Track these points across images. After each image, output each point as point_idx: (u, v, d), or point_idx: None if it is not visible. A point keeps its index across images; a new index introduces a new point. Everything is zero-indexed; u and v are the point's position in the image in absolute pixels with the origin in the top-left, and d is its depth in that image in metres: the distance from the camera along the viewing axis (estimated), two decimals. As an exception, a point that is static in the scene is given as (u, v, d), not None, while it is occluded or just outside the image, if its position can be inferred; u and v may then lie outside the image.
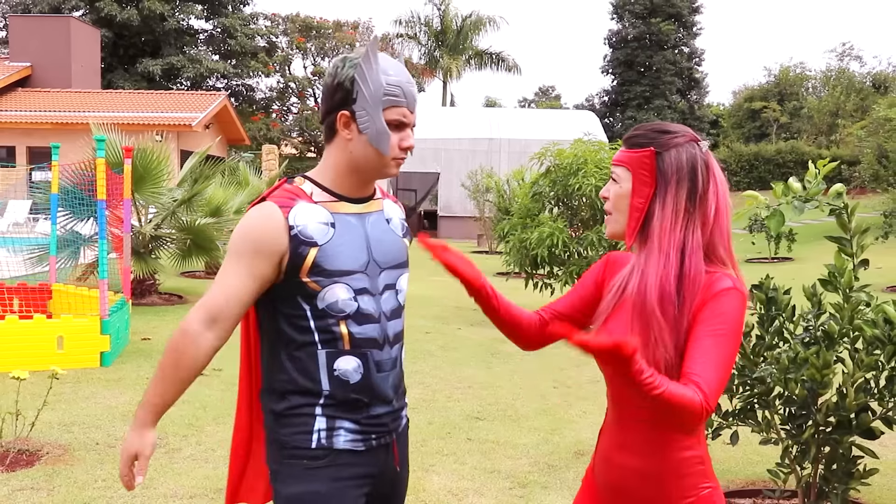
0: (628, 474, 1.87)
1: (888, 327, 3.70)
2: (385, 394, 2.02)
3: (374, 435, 2.01)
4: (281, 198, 1.94)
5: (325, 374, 1.94)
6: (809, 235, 21.64)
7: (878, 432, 3.79)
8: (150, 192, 10.61)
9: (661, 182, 1.81)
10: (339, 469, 1.96)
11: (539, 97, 62.15)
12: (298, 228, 1.90)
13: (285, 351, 1.96)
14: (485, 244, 23.01)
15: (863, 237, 3.92)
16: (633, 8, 44.98)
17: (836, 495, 3.87)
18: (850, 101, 41.03)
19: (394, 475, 2.12)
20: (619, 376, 1.66)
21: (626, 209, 1.85)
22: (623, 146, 1.90)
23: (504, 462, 4.96)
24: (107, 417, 5.56)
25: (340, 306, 1.93)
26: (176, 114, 24.13)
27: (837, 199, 3.83)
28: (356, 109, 1.92)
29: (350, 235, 1.97)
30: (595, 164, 9.57)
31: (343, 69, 1.93)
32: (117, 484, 4.35)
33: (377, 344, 2.00)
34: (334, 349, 1.94)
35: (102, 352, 7.07)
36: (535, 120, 30.54)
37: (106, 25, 33.21)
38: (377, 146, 1.93)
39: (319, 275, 1.91)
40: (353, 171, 1.99)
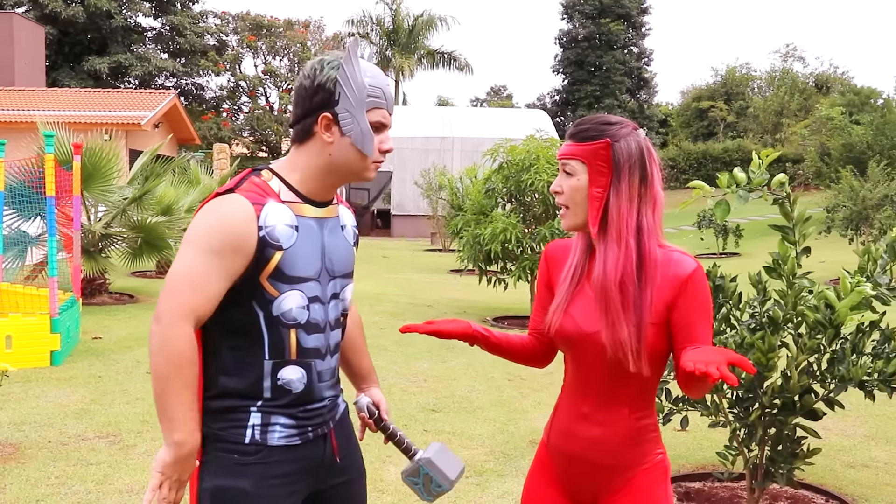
0: (589, 444, 1.96)
1: (829, 312, 3.83)
2: (319, 399, 1.99)
3: (309, 427, 1.97)
4: (252, 193, 1.86)
5: (268, 382, 1.89)
6: (756, 231, 22.11)
7: (821, 413, 3.92)
8: (100, 190, 10.45)
9: (616, 171, 1.88)
10: (269, 466, 1.90)
11: (491, 96, 62.41)
12: (267, 230, 1.83)
13: (229, 355, 1.90)
14: (438, 242, 23.04)
15: (805, 226, 4.04)
16: (583, 8, 45.42)
17: (781, 475, 3.99)
18: (793, 101, 42.00)
19: (333, 466, 2.06)
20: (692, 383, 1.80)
21: (584, 200, 1.90)
22: (571, 140, 1.94)
23: (460, 452, 5.00)
24: (58, 416, 5.48)
25: (294, 315, 1.88)
26: (124, 112, 23.70)
27: (780, 189, 3.95)
28: (339, 111, 1.86)
29: (310, 240, 1.91)
30: (547, 160, 9.65)
31: (323, 71, 1.87)
32: (70, 481, 4.31)
33: (320, 354, 1.96)
34: (280, 359, 1.89)
35: (52, 351, 6.95)
36: (487, 119, 30.69)
37: (50, 22, 32.50)
38: (361, 148, 1.88)
39: (280, 280, 1.85)
40: (328, 174, 1.92)
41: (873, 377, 3.78)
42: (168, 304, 1.78)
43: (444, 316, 10.56)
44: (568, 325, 1.93)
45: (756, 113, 43.96)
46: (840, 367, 3.80)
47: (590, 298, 1.92)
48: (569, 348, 1.97)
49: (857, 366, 3.76)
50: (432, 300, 12.12)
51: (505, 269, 10.19)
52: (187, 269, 1.80)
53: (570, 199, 1.92)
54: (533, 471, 2.12)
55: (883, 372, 3.75)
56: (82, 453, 4.74)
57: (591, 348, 1.91)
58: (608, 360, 1.88)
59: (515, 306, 11.33)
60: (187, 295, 1.78)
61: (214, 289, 1.80)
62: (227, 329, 1.89)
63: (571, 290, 1.95)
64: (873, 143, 24.25)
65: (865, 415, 6.01)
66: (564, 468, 2.02)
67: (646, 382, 1.92)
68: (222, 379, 1.90)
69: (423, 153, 27.52)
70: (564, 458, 2.01)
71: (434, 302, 11.92)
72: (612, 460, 1.94)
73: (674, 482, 4.60)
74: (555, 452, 2.04)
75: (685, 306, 1.86)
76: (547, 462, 2.07)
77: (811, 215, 4.11)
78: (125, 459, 4.66)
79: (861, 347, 3.90)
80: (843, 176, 15.62)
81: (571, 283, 1.96)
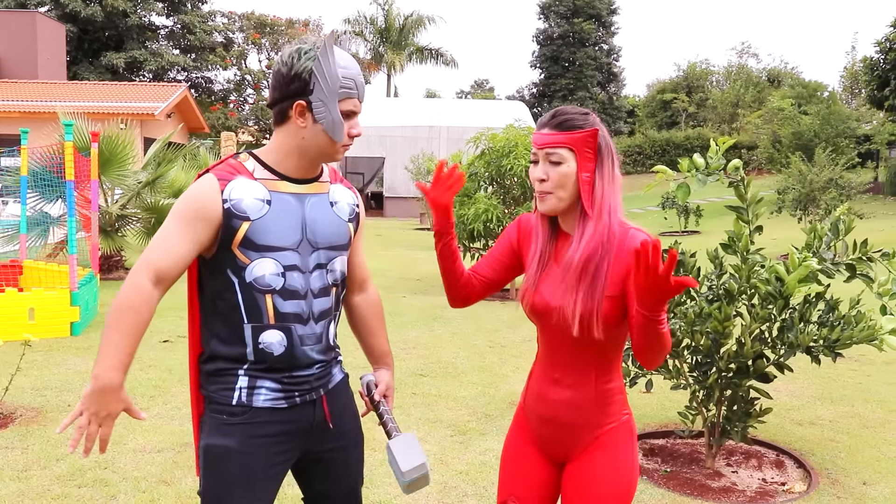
0: (561, 406, 1.95)
1: (779, 284, 3.81)
2: (305, 364, 1.95)
3: (297, 392, 1.94)
4: (222, 171, 1.87)
5: (250, 346, 1.88)
6: (714, 212, 22.14)
7: (772, 376, 3.91)
8: (116, 174, 10.31)
9: (600, 156, 1.86)
10: (255, 427, 1.88)
11: (474, 89, 62.01)
12: (232, 202, 1.83)
13: (216, 321, 1.90)
14: (426, 222, 22.97)
15: (757, 206, 4.02)
16: (558, 9, 45.11)
17: (737, 433, 3.99)
18: (748, 94, 41.96)
19: (326, 432, 2.01)
20: (647, 315, 1.66)
21: (573, 186, 1.85)
22: (554, 130, 1.85)
23: (445, 413, 4.98)
24: (78, 382, 5.41)
25: (267, 280, 1.85)
26: (139, 104, 23.40)
27: (736, 173, 3.92)
28: (312, 100, 1.84)
29: (285, 213, 1.88)
30: (525, 146, 9.59)
31: (300, 60, 1.83)
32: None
33: (301, 319, 1.91)
34: (259, 323, 1.87)
35: (72, 322, 6.87)
36: (470, 109, 30.49)
37: (70, 21, 32.01)
38: (332, 134, 1.86)
39: (249, 248, 1.84)
40: (301, 155, 1.91)
41: (819, 343, 3.77)
42: (138, 262, 1.81)
43: (433, 288, 10.53)
44: (537, 300, 1.93)
45: (714, 104, 43.87)
46: (789, 335, 3.79)
47: (555, 276, 1.90)
48: (538, 320, 1.96)
49: (805, 333, 3.74)
50: (421, 274, 12.06)
51: (487, 247, 10.16)
52: (158, 235, 1.84)
53: (559, 185, 1.84)
54: (511, 431, 2.12)
55: (828, 339, 3.74)
56: (99, 416, 4.69)
57: (557, 320, 1.89)
58: (570, 330, 1.87)
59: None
60: (152, 252, 1.80)
61: (178, 249, 1.80)
62: (213, 297, 1.90)
63: (540, 270, 1.94)
64: (820, 132, 24.25)
65: (812, 377, 6.02)
66: (539, 428, 2.02)
67: (610, 349, 1.91)
68: (213, 343, 1.91)
69: (412, 141, 27.34)
70: (539, 419, 2.01)
71: (423, 276, 11.87)
72: (581, 420, 1.94)
73: (639, 439, 4.59)
74: (530, 414, 2.04)
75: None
76: (524, 423, 2.08)
77: (763, 197, 4.08)
78: (138, 422, 4.60)
79: (808, 317, 3.88)
80: (793, 161, 15.59)
81: (540, 265, 1.94)
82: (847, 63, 43.63)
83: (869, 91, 26.24)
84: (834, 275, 3.85)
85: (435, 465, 4.08)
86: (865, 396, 5.61)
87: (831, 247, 3.95)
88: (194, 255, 1.84)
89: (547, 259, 1.94)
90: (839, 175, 14.81)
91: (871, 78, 25.58)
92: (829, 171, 14.75)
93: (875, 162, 27.97)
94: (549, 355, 1.98)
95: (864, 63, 27.34)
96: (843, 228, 3.95)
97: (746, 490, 3.89)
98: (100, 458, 4.01)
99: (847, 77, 37.88)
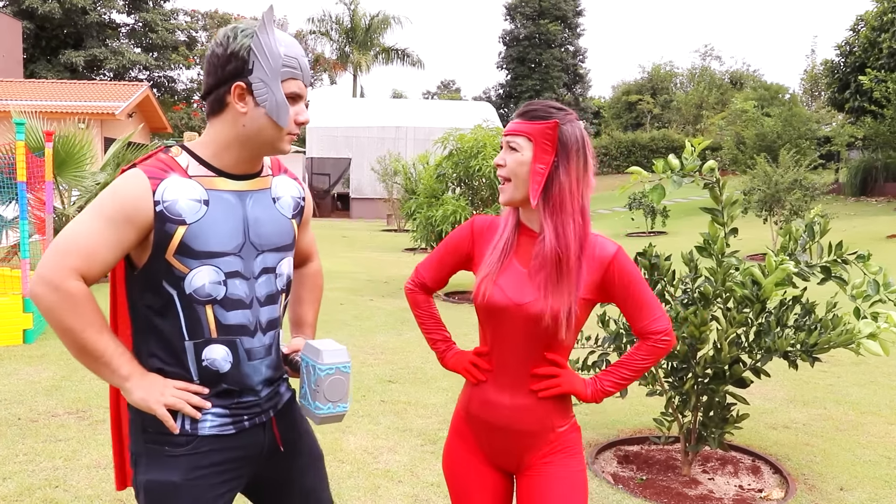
0: (513, 412, 1.87)
1: (756, 288, 3.74)
2: (253, 385, 1.76)
3: (245, 417, 1.76)
4: (153, 168, 1.65)
5: (193, 365, 1.68)
6: (680, 212, 22.30)
7: (748, 381, 3.83)
8: (73, 175, 9.98)
9: (563, 151, 1.80)
10: (200, 457, 1.70)
11: (441, 90, 61.87)
12: (165, 204, 1.61)
13: (153, 339, 1.69)
14: (393, 223, 22.81)
15: (732, 208, 3.95)
16: (524, 10, 45.22)
17: (713, 439, 3.91)
18: (712, 95, 42.45)
19: (277, 456, 1.85)
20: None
21: (526, 175, 1.81)
22: (520, 119, 1.84)
23: (415, 421, 4.84)
24: (29, 393, 5.16)
25: (207, 290, 1.65)
26: (99, 103, 22.83)
27: (711, 175, 3.85)
28: (252, 81, 1.64)
29: (225, 214, 1.68)
30: (493, 147, 9.49)
31: (237, 39, 1.65)
32: (38, 458, 4.03)
33: (247, 331, 1.72)
34: (201, 338, 1.67)
35: (25, 329, 6.59)
36: (437, 110, 30.37)
37: (27, 17, 31.27)
38: (276, 118, 1.66)
39: (187, 255, 1.63)
40: (242, 146, 1.70)
41: (796, 348, 3.70)
42: (56, 263, 1.58)
43: (400, 291, 10.37)
44: (497, 295, 1.83)
45: (679, 106, 44.30)
46: (766, 339, 3.72)
47: (518, 272, 1.84)
48: (494, 318, 1.85)
49: (782, 338, 3.67)
50: (388, 277, 11.90)
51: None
52: (77, 233, 1.60)
53: (513, 172, 1.83)
54: (451, 443, 2.00)
55: (805, 343, 3.67)
56: (52, 429, 4.46)
57: (517, 319, 1.81)
58: (534, 330, 1.80)
59: (464, 282, 11.17)
60: (74, 256, 1.58)
61: (102, 253, 1.60)
62: (150, 314, 1.69)
63: (500, 263, 1.86)
64: (782, 133, 24.54)
65: (783, 379, 5.99)
66: (487, 437, 1.92)
67: (565, 350, 1.87)
68: (153, 362, 1.71)
69: (379, 141, 27.14)
70: (487, 428, 1.91)
71: (390, 279, 11.70)
72: (534, 426, 1.86)
73: (613, 446, 4.50)
74: (475, 423, 1.93)
75: (622, 283, 1.83)
76: (465, 433, 1.97)
77: (737, 200, 4.01)
78: (94, 435, 4.38)
79: (785, 320, 3.81)
80: (758, 162, 15.72)
81: (501, 255, 1.86)
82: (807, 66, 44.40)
83: (830, 93, 26.64)
84: (809, 277, 3.78)
85: (405, 476, 3.94)
86: (837, 398, 5.58)
87: (806, 249, 3.89)
88: (116, 263, 1.64)
89: (508, 251, 1.87)
90: (803, 176, 14.95)
91: (832, 80, 25.96)
92: (794, 173, 14.88)
93: (836, 163, 28.42)
94: (500, 357, 1.88)
95: (824, 66, 27.76)
96: (818, 230, 3.90)
97: (724, 498, 3.81)
98: (50, 476, 3.79)
99: (807, 80, 38.47)
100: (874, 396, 5.64)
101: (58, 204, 10.13)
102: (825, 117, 31.44)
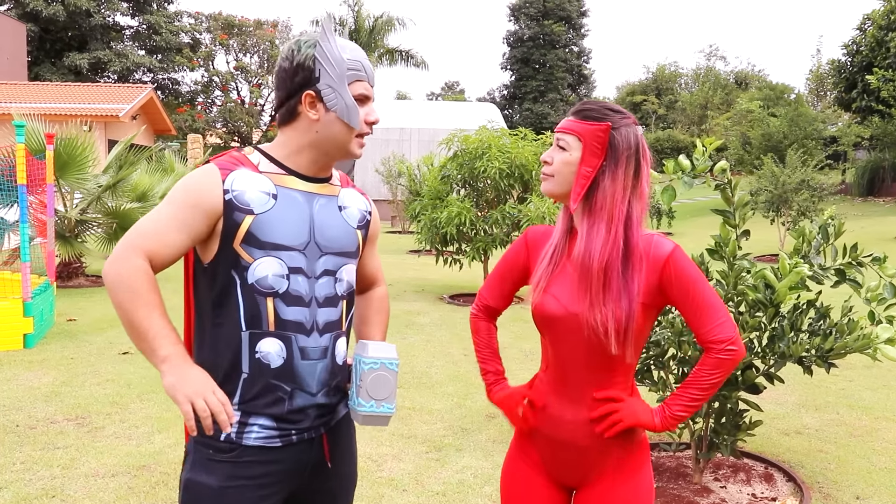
0: (578, 427, 1.78)
1: (769, 292, 3.64)
2: (307, 383, 1.73)
3: (293, 431, 1.73)
4: (224, 161, 1.72)
5: (245, 356, 1.68)
6: (686, 213, 22.21)
7: (762, 387, 3.74)
8: (75, 177, 9.91)
9: (612, 156, 1.74)
10: (241, 467, 1.68)
11: (445, 91, 61.84)
12: (234, 193, 1.66)
13: (211, 327, 1.71)
14: (398, 224, 22.76)
15: (744, 210, 3.87)
16: (528, 11, 45.17)
17: (725, 446, 3.81)
18: (716, 96, 42.32)
19: (324, 470, 1.82)
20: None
21: (571, 175, 1.76)
22: (573, 117, 1.78)
23: (420, 427, 4.75)
24: (28, 399, 5.09)
25: (270, 282, 1.67)
26: (103, 105, 22.81)
27: (722, 175, 3.76)
28: (321, 88, 1.70)
29: (292, 210, 1.72)
30: (498, 148, 9.40)
31: (300, 51, 1.70)
32: (36, 466, 3.95)
33: (304, 329, 1.71)
34: (258, 329, 1.68)
35: (25, 334, 6.51)
36: (441, 111, 30.29)
37: (32, 20, 31.23)
38: (347, 121, 1.72)
39: (253, 245, 1.67)
40: (314, 150, 1.75)
41: (811, 353, 3.60)
42: (123, 243, 1.65)
43: (405, 293, 10.30)
44: (549, 303, 1.75)
45: (683, 106, 44.18)
46: (780, 344, 3.62)
47: (571, 278, 1.75)
48: (549, 328, 1.78)
49: (797, 343, 3.57)
50: (393, 279, 11.82)
51: (460, 250, 9.97)
52: (147, 218, 1.68)
53: (558, 171, 1.78)
54: (512, 455, 1.92)
55: (820, 348, 3.57)
56: (50, 437, 4.38)
57: (573, 328, 1.73)
58: (589, 342, 1.72)
59: (469, 284, 11.10)
60: (142, 237, 1.64)
61: (171, 235, 1.64)
62: (213, 304, 1.71)
63: (551, 268, 1.79)
64: (789, 133, 24.44)
65: (794, 383, 5.88)
66: (550, 452, 1.83)
67: (626, 364, 1.76)
68: (204, 354, 1.72)
69: (383, 143, 27.07)
70: (550, 443, 1.82)
71: (394, 281, 11.63)
72: (600, 442, 1.77)
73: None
74: (538, 437, 1.85)
75: (679, 284, 1.72)
76: (527, 446, 1.88)
77: (748, 201, 3.92)
78: (92, 442, 4.30)
79: (799, 325, 3.72)
80: (765, 162, 15.61)
81: (551, 261, 1.79)
82: (812, 66, 44.19)
83: (837, 93, 26.51)
84: (824, 281, 3.69)
85: (410, 485, 3.85)
86: (850, 403, 5.48)
87: (821, 251, 3.80)
88: (187, 249, 1.68)
89: (559, 256, 1.80)
90: (811, 176, 14.83)
91: (839, 80, 25.84)
92: (801, 173, 14.77)
93: (842, 163, 28.28)
94: (560, 369, 1.80)
95: (831, 65, 27.62)
96: (832, 232, 3.81)
97: (737, 507, 3.71)
98: (47, 485, 3.72)
99: (813, 80, 38.30)
100: (887, 401, 5.54)
101: (60, 207, 10.07)
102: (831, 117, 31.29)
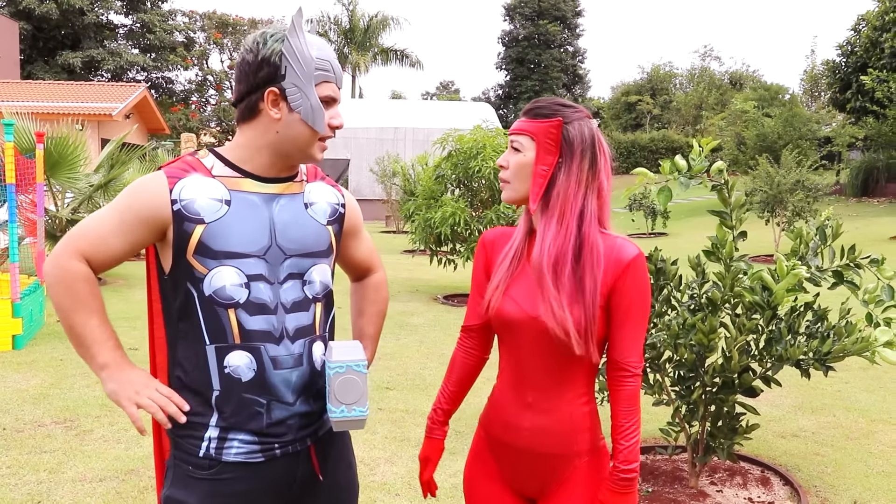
0: (535, 434, 1.72)
1: (766, 294, 3.60)
2: (282, 393, 1.64)
3: (276, 444, 1.65)
4: (174, 168, 1.63)
5: (215, 372, 1.60)
6: (681, 213, 22.20)
7: (759, 390, 3.69)
8: (66, 177, 9.83)
9: (567, 151, 1.69)
10: (222, 484, 1.60)
11: (440, 90, 61.75)
12: (183, 203, 1.57)
13: (181, 347, 1.64)
14: (392, 224, 22.70)
15: (741, 211, 3.83)
16: (524, 10, 45.16)
17: (722, 450, 3.77)
18: (711, 96, 42.34)
19: (315, 484, 1.73)
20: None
21: (528, 176, 1.70)
22: (524, 117, 1.73)
23: (413, 430, 4.70)
24: (16, 401, 5.01)
25: (229, 293, 1.58)
26: (96, 104, 22.68)
27: (719, 176, 3.72)
28: (286, 86, 1.59)
29: (248, 215, 1.62)
30: (493, 148, 9.36)
31: (267, 44, 1.59)
32: (22, 470, 3.89)
33: (272, 338, 1.62)
34: (224, 343, 1.59)
35: (14, 335, 6.44)
36: (436, 111, 30.24)
37: (24, 18, 31.07)
38: (312, 124, 1.61)
39: (206, 255, 1.57)
40: (274, 152, 1.65)
41: (809, 356, 3.56)
42: (63, 244, 1.61)
43: (399, 294, 10.23)
44: (509, 306, 1.69)
45: (678, 106, 44.19)
46: (777, 347, 3.57)
47: (530, 280, 1.69)
48: (508, 332, 1.71)
49: (794, 346, 3.53)
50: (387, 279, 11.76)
51: (454, 251, 9.91)
52: (89, 219, 1.64)
53: (514, 174, 1.72)
54: (471, 466, 1.86)
55: (818, 351, 3.53)
56: (37, 440, 4.31)
57: (533, 332, 1.66)
58: (550, 344, 1.65)
59: (464, 284, 11.04)
60: (81, 239, 1.60)
61: (110, 241, 1.60)
62: (175, 319, 1.64)
63: (511, 271, 1.72)
64: (783, 134, 24.45)
65: (790, 385, 5.84)
66: (509, 461, 1.76)
67: (589, 366, 1.70)
68: (176, 371, 1.66)
69: (377, 142, 27.02)
70: (508, 451, 1.76)
71: (388, 281, 11.54)
72: (559, 449, 1.71)
73: (617, 456, 4.35)
74: (496, 445, 1.78)
75: (624, 289, 1.66)
76: (485, 455, 1.82)
77: (744, 202, 3.88)
78: (80, 446, 4.24)
79: (796, 328, 3.67)
80: (760, 163, 15.59)
81: (511, 263, 1.73)
82: (807, 66, 44.25)
83: (831, 94, 26.53)
84: (821, 282, 3.65)
85: (403, 489, 3.80)
86: (846, 405, 5.44)
87: (818, 253, 3.76)
88: (128, 255, 1.65)
89: (518, 258, 1.74)
90: (805, 177, 14.82)
91: (833, 80, 25.85)
92: (796, 173, 14.75)
93: (837, 164, 28.31)
94: (517, 374, 1.73)
95: (825, 66, 27.65)
96: (829, 234, 3.77)
97: (733, 512, 3.67)
98: (33, 490, 3.65)
99: (807, 80, 38.33)
100: (884, 403, 5.50)
101: (51, 206, 9.99)
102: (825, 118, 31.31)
